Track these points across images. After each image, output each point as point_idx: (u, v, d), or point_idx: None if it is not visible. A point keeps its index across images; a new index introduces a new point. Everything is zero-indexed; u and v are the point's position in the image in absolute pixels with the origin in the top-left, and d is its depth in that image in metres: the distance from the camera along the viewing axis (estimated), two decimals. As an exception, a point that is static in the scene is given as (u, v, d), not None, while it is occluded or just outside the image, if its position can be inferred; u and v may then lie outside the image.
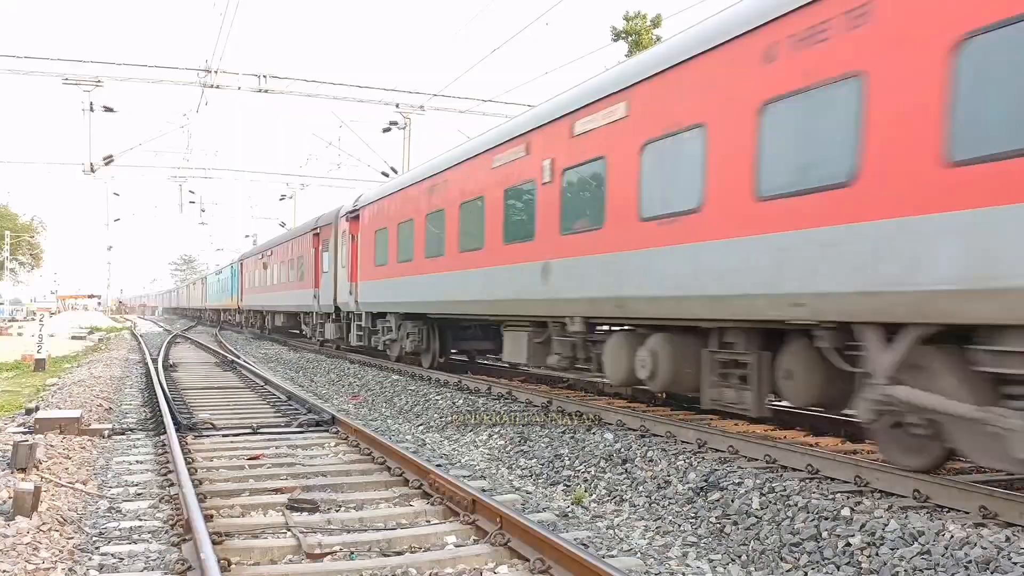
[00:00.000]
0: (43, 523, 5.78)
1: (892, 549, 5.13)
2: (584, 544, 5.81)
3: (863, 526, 5.46)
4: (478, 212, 12.27)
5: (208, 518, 5.88)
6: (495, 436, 10.07)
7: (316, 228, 24.22)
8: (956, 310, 5.23)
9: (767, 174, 6.69)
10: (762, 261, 6.70)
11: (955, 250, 5.15)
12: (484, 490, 7.09)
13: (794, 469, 6.85)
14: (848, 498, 5.92)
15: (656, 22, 27.98)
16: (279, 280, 30.86)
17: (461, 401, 12.22)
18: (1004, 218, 4.84)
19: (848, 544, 5.37)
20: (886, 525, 5.36)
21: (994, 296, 4.95)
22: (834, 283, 6.01)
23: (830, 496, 6.02)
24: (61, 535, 5.74)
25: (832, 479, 6.49)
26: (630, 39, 27.82)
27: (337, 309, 21.69)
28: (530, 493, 7.76)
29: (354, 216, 19.72)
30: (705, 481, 6.95)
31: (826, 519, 5.71)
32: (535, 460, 8.88)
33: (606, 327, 10.57)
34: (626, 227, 8.61)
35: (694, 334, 8.39)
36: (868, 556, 5.19)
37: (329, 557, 5.46)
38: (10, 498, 5.94)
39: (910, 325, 5.69)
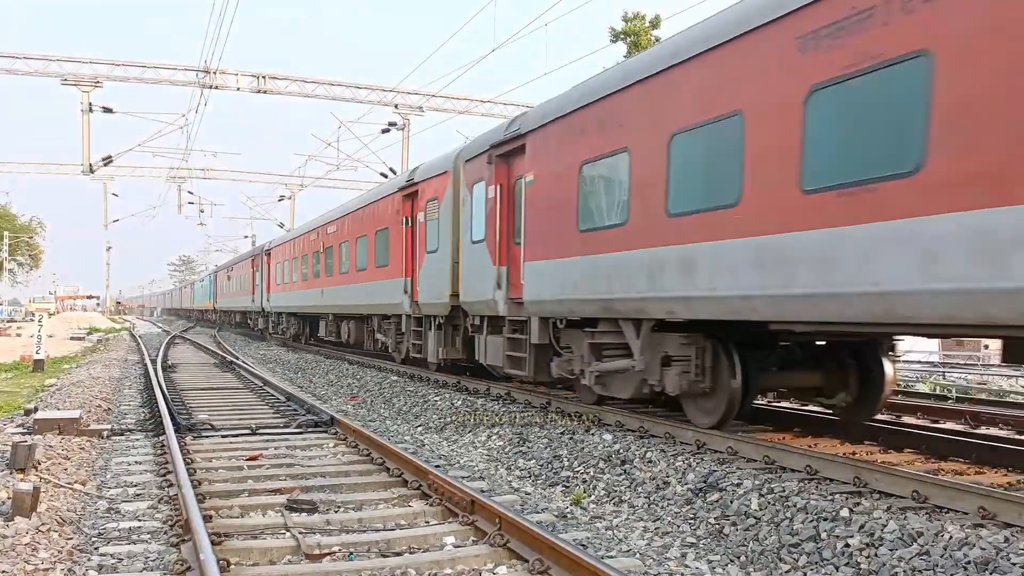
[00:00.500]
0: (42, 524, 5.78)
1: (891, 550, 5.14)
2: (583, 545, 5.82)
3: (862, 527, 5.47)
4: None
5: (207, 519, 5.88)
6: (494, 437, 10.07)
7: (410, 183, 15.72)
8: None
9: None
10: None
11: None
12: (483, 491, 7.09)
13: (793, 470, 6.86)
14: (847, 499, 5.93)
15: (655, 23, 27.98)
16: (328, 270, 22.91)
17: (460, 402, 12.22)
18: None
19: (847, 545, 5.37)
20: (885, 526, 5.37)
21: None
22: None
23: (829, 497, 6.02)
24: (60, 536, 5.74)
25: (831, 480, 6.49)
26: (629, 40, 27.82)
27: (454, 307, 13.51)
28: (529, 494, 7.77)
29: (508, 152, 11.46)
30: (704, 482, 6.95)
31: (825, 520, 5.71)
32: (534, 461, 8.88)
33: None
34: None
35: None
36: (867, 557, 5.19)
37: (328, 558, 5.46)
38: (9, 499, 5.94)
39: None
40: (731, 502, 6.48)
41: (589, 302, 9.34)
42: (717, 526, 6.32)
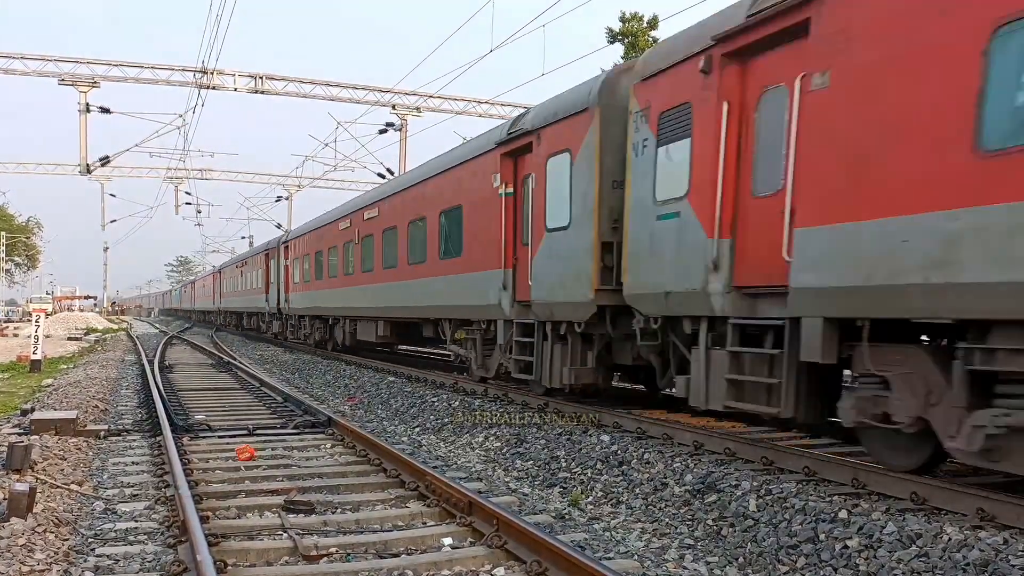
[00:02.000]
0: (38, 524, 5.76)
1: (890, 551, 5.13)
2: (581, 546, 5.80)
3: (861, 528, 5.46)
4: None
5: (204, 519, 5.85)
6: (491, 438, 10.06)
7: (519, 133, 11.16)
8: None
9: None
10: None
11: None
12: (480, 492, 7.07)
13: (791, 471, 6.85)
14: (845, 500, 5.92)
15: (652, 24, 28.00)
16: (367, 264, 19.09)
17: (457, 403, 12.21)
18: None
19: (846, 546, 5.36)
20: (884, 527, 5.36)
21: None
22: None
23: (827, 498, 6.02)
24: (56, 536, 5.72)
25: (829, 481, 6.49)
26: (626, 41, 27.84)
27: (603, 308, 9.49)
28: (527, 495, 7.75)
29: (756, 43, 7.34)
30: (702, 483, 6.94)
31: (823, 521, 5.70)
32: (531, 462, 8.87)
33: None
34: None
35: None
36: (866, 558, 5.19)
37: (325, 559, 5.44)
38: (5, 499, 5.92)
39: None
40: (729, 503, 6.47)
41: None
42: (715, 527, 6.31)
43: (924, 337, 6.27)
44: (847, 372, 6.48)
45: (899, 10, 5.72)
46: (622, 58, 26.85)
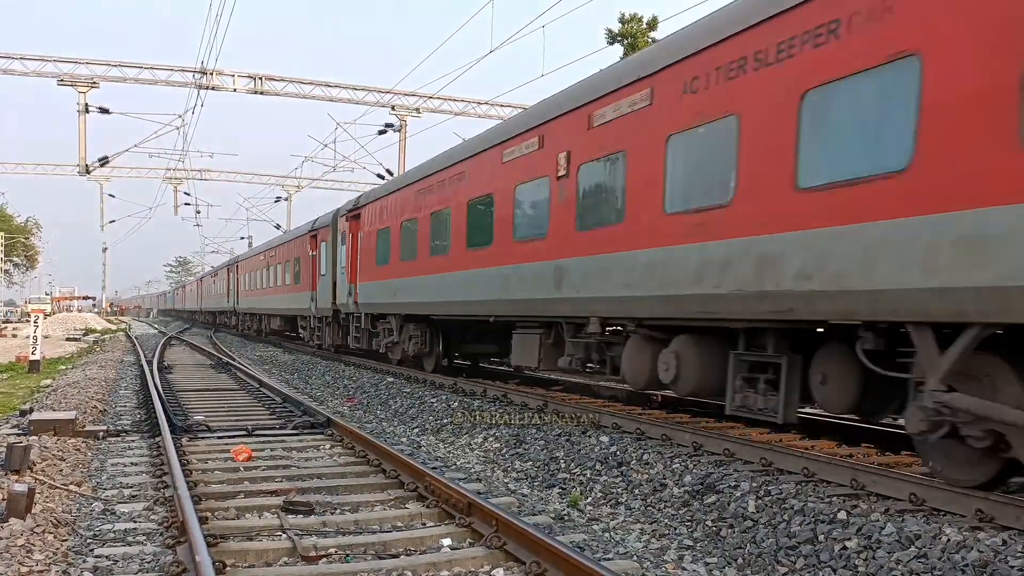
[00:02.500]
0: (37, 525, 5.75)
1: (889, 553, 5.13)
2: (580, 547, 5.80)
3: (859, 530, 5.46)
4: None
5: (203, 520, 5.85)
6: (490, 439, 10.06)
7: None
8: None
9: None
10: None
11: None
12: (480, 492, 7.07)
13: (790, 472, 6.85)
14: (844, 501, 5.92)
15: (652, 24, 28.00)
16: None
17: (456, 404, 12.21)
18: None
19: (844, 548, 5.37)
20: (883, 528, 5.36)
21: None
22: None
23: (826, 499, 6.02)
24: (55, 537, 5.71)
25: (828, 482, 6.49)
26: (626, 42, 27.85)
27: None
28: (526, 496, 7.75)
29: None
30: (701, 484, 6.94)
31: (822, 522, 5.71)
32: (531, 463, 8.87)
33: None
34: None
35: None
36: (864, 560, 5.19)
37: (324, 559, 5.44)
38: (4, 500, 5.92)
39: None
40: (728, 504, 6.48)
41: None
42: (714, 528, 6.31)
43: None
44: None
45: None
46: (620, 59, 26.83)
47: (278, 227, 47.04)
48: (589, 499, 7.59)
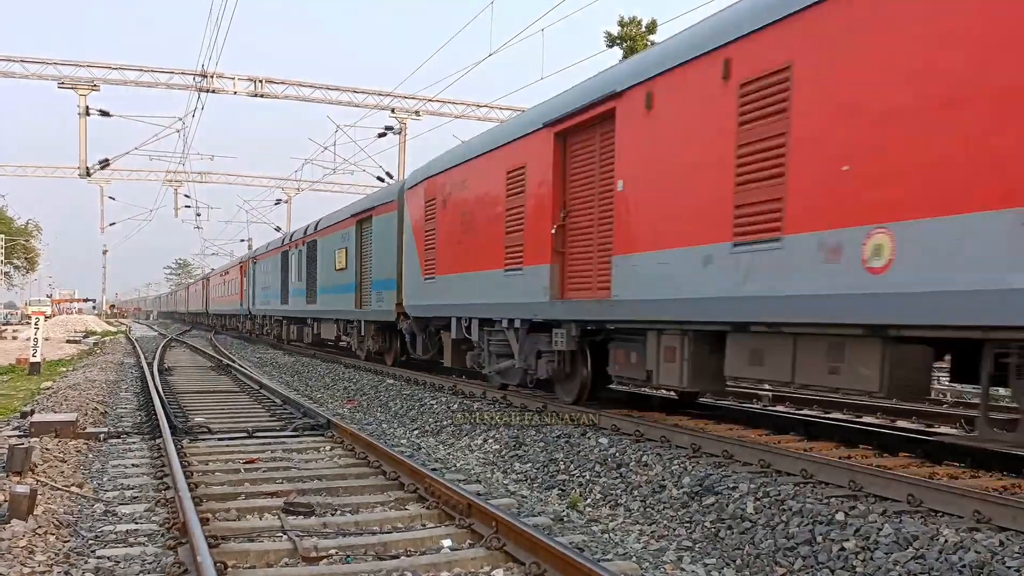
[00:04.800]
0: (39, 526, 5.78)
1: (886, 554, 5.15)
2: (579, 548, 5.83)
3: (857, 530, 5.49)
4: None
5: (204, 521, 5.88)
6: (490, 440, 10.08)
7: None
8: None
9: None
10: None
11: None
12: (479, 494, 7.10)
13: (788, 473, 6.88)
14: (842, 502, 5.94)
15: (651, 27, 28.05)
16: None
17: (456, 405, 12.23)
18: None
19: (843, 548, 5.39)
20: (880, 529, 5.38)
21: None
22: None
23: (824, 500, 6.04)
24: (57, 538, 5.74)
25: (826, 483, 6.51)
26: (625, 45, 27.89)
27: None
28: (525, 497, 7.78)
29: None
30: (700, 485, 6.97)
31: (820, 523, 5.73)
32: (530, 464, 8.89)
33: None
34: None
35: None
36: (862, 560, 5.21)
37: (325, 560, 5.47)
38: (5, 501, 5.94)
39: None
40: (727, 505, 6.50)
41: None
42: (713, 529, 6.33)
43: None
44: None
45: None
46: (620, 61, 26.87)
47: (278, 229, 47.08)
48: (588, 500, 7.61)
